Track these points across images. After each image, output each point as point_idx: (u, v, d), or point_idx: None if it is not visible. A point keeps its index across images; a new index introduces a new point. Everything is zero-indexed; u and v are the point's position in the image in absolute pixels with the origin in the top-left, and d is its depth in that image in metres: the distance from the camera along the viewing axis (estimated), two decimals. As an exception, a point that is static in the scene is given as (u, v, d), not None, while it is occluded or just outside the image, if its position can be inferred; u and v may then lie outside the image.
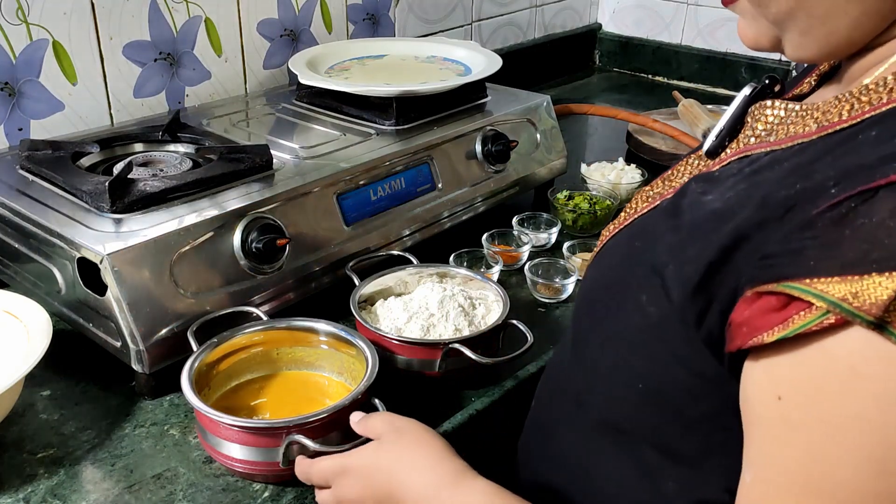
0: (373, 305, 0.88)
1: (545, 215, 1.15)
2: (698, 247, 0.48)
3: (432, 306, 0.84)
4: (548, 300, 1.00)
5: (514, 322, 0.84)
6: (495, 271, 1.00)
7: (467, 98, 1.17)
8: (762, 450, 0.44)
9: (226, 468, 0.71)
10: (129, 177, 0.86)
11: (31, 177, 0.90)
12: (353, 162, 0.96)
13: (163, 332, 0.77)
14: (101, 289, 0.77)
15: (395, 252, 0.96)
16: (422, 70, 1.23)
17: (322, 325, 0.80)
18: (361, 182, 0.96)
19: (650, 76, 1.99)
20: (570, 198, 1.20)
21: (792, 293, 0.41)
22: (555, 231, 1.12)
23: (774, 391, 0.43)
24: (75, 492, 0.69)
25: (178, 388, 0.81)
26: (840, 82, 0.55)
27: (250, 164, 0.91)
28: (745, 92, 0.59)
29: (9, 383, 0.69)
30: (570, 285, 0.99)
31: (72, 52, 1.06)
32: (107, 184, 0.81)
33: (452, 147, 1.08)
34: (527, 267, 1.01)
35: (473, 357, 0.78)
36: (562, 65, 1.96)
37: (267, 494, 0.70)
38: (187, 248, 0.80)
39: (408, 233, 1.01)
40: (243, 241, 0.83)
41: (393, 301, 0.87)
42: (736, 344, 0.45)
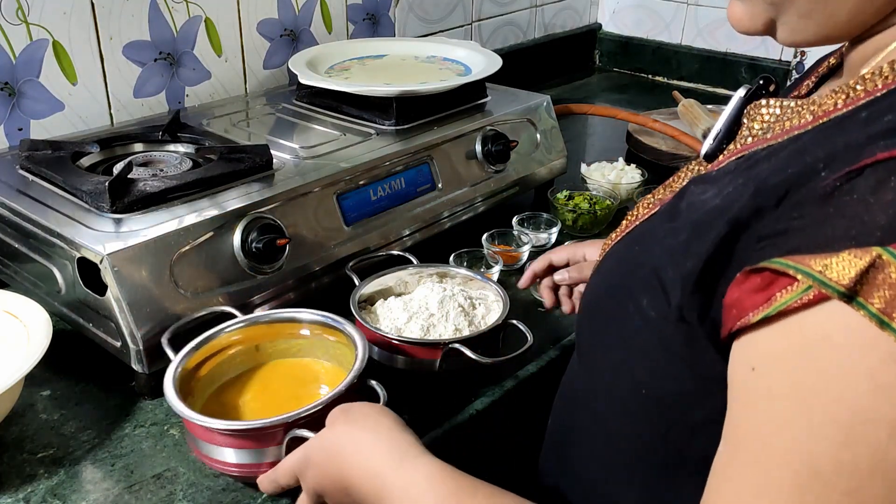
0: (373, 305, 0.88)
1: (545, 215, 1.15)
2: (697, 243, 0.48)
3: (432, 306, 0.84)
4: (548, 300, 1.00)
5: (514, 322, 0.84)
6: (495, 271, 1.00)
7: (467, 98, 1.17)
8: (734, 420, 0.45)
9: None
10: (129, 177, 0.86)
11: (31, 177, 0.90)
12: (353, 162, 0.96)
13: (163, 332, 0.77)
14: (101, 289, 0.77)
15: (394, 252, 0.96)
16: (422, 70, 1.23)
17: (305, 314, 0.79)
18: (361, 182, 0.96)
19: (650, 76, 1.99)
20: (570, 198, 1.20)
21: (776, 268, 0.41)
22: (555, 231, 1.12)
23: (749, 363, 0.43)
24: (75, 492, 0.69)
25: (178, 388, 0.82)
26: (839, 77, 0.55)
27: (250, 164, 0.91)
28: (740, 93, 0.59)
29: (9, 383, 0.69)
30: (570, 285, 0.99)
31: (72, 52, 1.06)
32: (107, 184, 0.81)
33: (452, 147, 1.08)
34: (527, 267, 1.01)
35: (474, 357, 0.78)
36: (562, 65, 1.96)
37: (266, 495, 0.70)
38: (187, 248, 0.80)
39: (408, 233, 1.01)
40: (243, 241, 0.83)
41: (393, 301, 0.87)
42: (727, 328, 0.45)
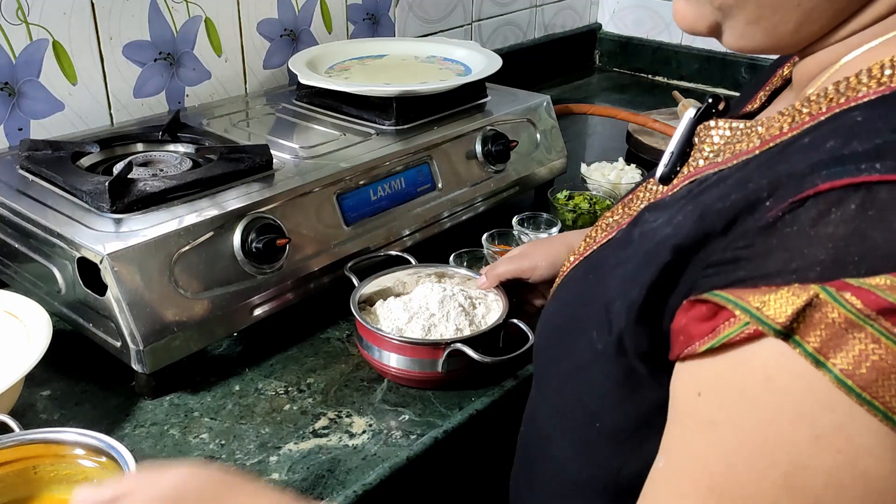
0: (372, 306, 0.88)
1: (545, 215, 1.15)
2: (644, 272, 0.47)
3: (433, 306, 0.84)
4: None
5: (515, 321, 0.84)
6: (495, 271, 1.00)
7: (467, 98, 1.16)
8: (676, 439, 0.45)
9: (226, 468, 0.71)
10: (129, 177, 0.86)
11: (31, 177, 0.90)
12: (353, 162, 0.96)
13: (163, 332, 0.77)
14: (101, 289, 0.77)
15: (392, 252, 0.96)
16: (422, 70, 1.23)
17: (70, 436, 0.65)
18: (361, 182, 0.96)
19: (650, 76, 1.99)
20: (570, 198, 1.19)
21: (718, 301, 0.41)
22: (555, 231, 1.12)
23: (696, 388, 0.43)
24: (75, 492, 0.69)
25: (178, 388, 0.82)
26: (790, 92, 0.55)
27: (250, 164, 0.91)
28: (690, 114, 0.58)
29: (9, 383, 0.69)
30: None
31: (72, 52, 1.06)
32: (107, 184, 0.81)
33: (452, 147, 1.08)
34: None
35: (476, 357, 0.78)
36: (562, 65, 1.96)
37: (267, 494, 0.70)
38: (187, 248, 0.80)
39: (408, 233, 1.01)
40: (243, 241, 0.83)
41: (392, 301, 0.87)
42: (675, 353, 0.45)
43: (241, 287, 0.84)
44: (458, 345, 0.79)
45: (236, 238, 0.83)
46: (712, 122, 0.55)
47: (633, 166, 1.30)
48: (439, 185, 1.05)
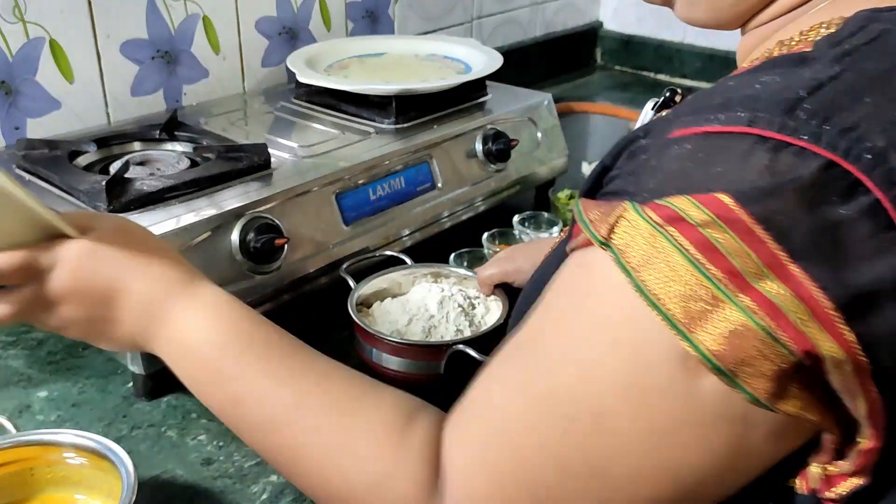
0: (369, 308, 0.88)
1: (546, 215, 1.14)
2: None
3: (432, 307, 0.83)
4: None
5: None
6: (496, 271, 0.99)
7: (467, 96, 1.16)
8: (530, 315, 0.49)
9: (224, 470, 0.71)
10: (126, 176, 0.85)
11: (27, 176, 0.90)
12: (352, 161, 0.96)
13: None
14: (97, 289, 0.76)
15: (388, 253, 0.95)
16: (421, 68, 1.22)
17: (67, 437, 0.65)
18: (360, 181, 0.96)
19: (652, 74, 1.99)
20: (572, 197, 1.19)
21: (575, 214, 0.47)
22: (556, 230, 1.12)
23: (561, 275, 0.48)
24: (71, 495, 0.69)
25: (175, 390, 0.81)
26: None
27: (248, 163, 0.90)
28: (648, 107, 0.61)
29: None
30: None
31: (69, 51, 1.05)
32: (104, 183, 0.81)
33: (452, 146, 1.07)
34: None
35: (479, 358, 0.77)
36: (563, 63, 1.95)
37: (265, 496, 0.69)
38: (185, 247, 0.79)
39: (407, 232, 1.00)
40: (241, 241, 0.82)
41: (390, 302, 0.86)
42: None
43: (239, 287, 0.83)
44: (461, 346, 0.78)
45: (234, 238, 0.82)
46: (664, 113, 0.57)
47: (634, 165, 1.29)
48: (439, 185, 1.05)
